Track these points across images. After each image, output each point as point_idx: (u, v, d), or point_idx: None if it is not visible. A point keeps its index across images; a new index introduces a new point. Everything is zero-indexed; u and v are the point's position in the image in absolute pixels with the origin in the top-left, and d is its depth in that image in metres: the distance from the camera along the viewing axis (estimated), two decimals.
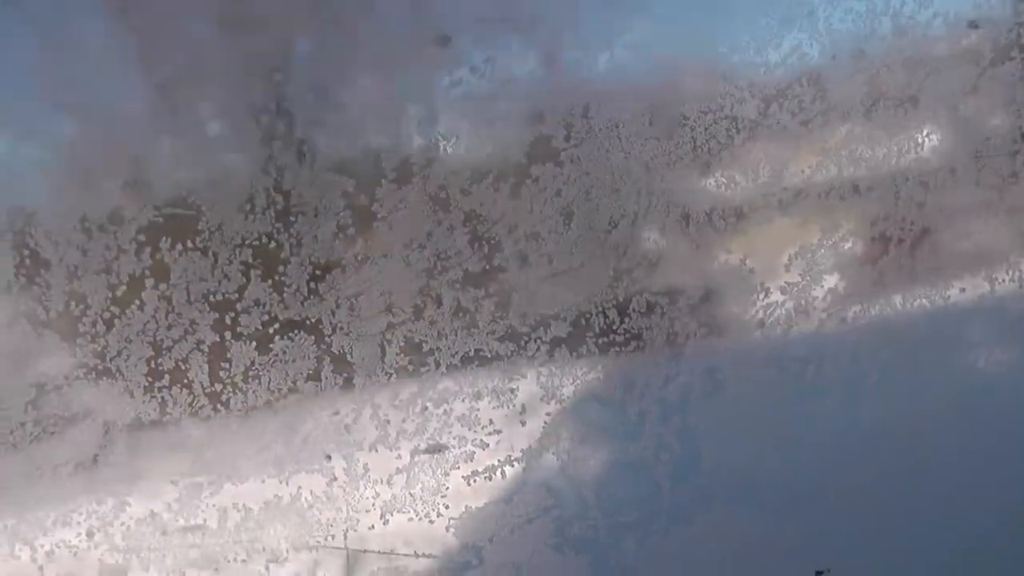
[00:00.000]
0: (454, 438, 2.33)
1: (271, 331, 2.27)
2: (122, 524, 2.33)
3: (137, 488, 2.34)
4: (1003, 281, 2.51)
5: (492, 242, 2.27)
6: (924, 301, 2.49)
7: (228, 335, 2.25)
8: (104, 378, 2.27)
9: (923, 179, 2.46)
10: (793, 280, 2.40)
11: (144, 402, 2.28)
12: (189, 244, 2.21)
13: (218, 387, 2.28)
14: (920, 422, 2.41)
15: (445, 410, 2.33)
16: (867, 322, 2.43)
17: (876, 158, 2.41)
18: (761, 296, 2.39)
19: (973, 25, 2.48)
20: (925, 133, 2.44)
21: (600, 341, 2.34)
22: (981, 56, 2.45)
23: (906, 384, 2.43)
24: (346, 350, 2.29)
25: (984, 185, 2.50)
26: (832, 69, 2.37)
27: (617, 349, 2.34)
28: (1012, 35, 2.48)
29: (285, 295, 2.25)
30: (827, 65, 2.37)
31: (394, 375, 2.33)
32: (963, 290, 2.49)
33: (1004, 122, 2.48)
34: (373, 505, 2.34)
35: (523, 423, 2.33)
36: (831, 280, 2.41)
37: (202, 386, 2.29)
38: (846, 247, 2.42)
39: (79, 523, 2.32)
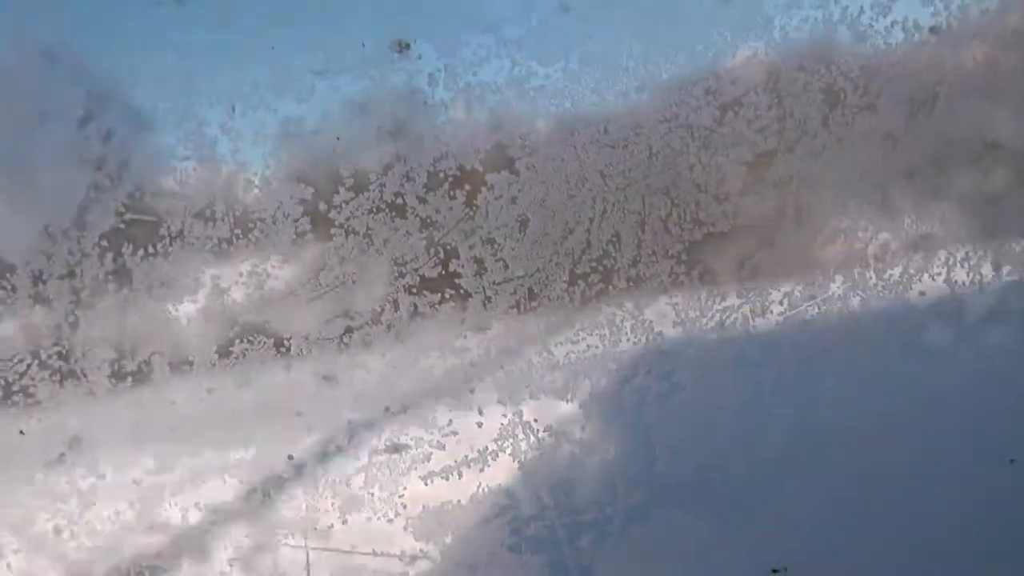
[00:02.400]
0: (412, 439, 2.36)
1: (231, 334, 2.30)
2: (86, 522, 2.36)
3: (102, 487, 2.38)
4: (963, 284, 2.52)
5: (448, 248, 2.29)
6: (884, 303, 2.51)
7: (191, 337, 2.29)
8: (68, 379, 2.31)
9: (881, 185, 2.48)
10: (750, 285, 2.42)
11: (106, 403, 2.31)
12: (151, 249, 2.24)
13: (179, 389, 2.32)
14: (877, 424, 2.43)
15: (403, 411, 2.36)
16: (824, 324, 2.45)
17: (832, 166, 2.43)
18: (718, 300, 2.41)
19: (934, 31, 2.49)
20: (883, 138, 2.45)
21: (556, 343, 2.37)
22: (941, 63, 2.46)
23: (862, 387, 2.45)
24: (305, 353, 2.32)
25: (945, 191, 2.52)
26: (789, 77, 2.39)
27: (572, 351, 2.37)
28: (972, 41, 2.49)
29: (244, 300, 2.28)
30: (783, 73, 2.38)
31: (354, 377, 2.37)
32: (923, 293, 2.51)
33: (965, 130, 2.49)
34: (332, 505, 2.37)
35: (480, 425, 2.36)
36: (787, 284, 2.43)
37: (164, 388, 2.33)
38: (802, 251, 2.44)
39: (45, 520, 2.37)
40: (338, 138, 2.30)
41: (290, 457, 2.40)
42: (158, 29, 2.25)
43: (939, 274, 2.49)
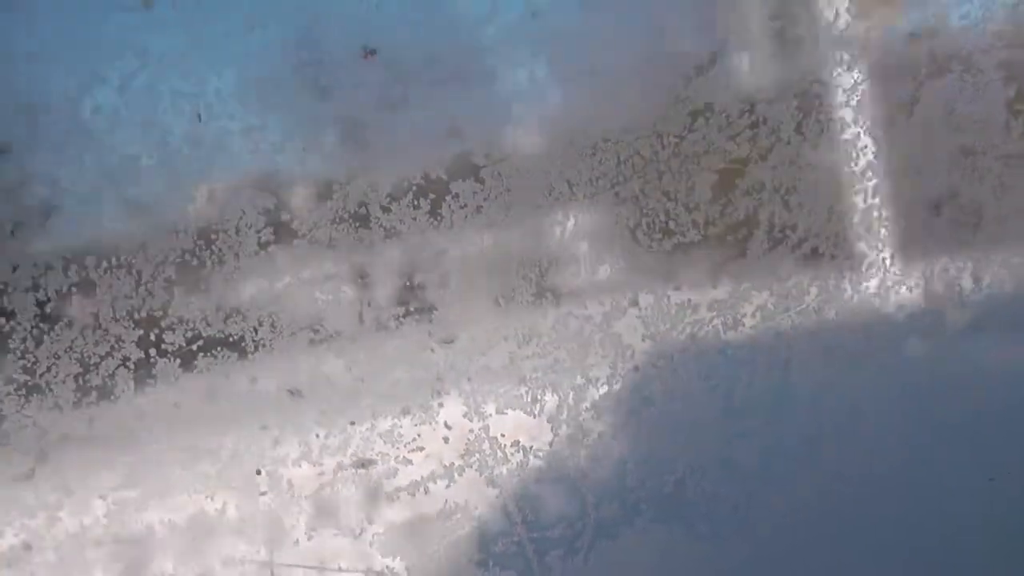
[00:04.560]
0: (378, 454, 2.33)
1: (195, 348, 2.28)
2: (53, 538, 2.35)
3: (69, 502, 2.37)
4: (941, 296, 2.48)
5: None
6: (862, 316, 2.47)
7: (153, 352, 2.27)
8: (34, 394, 2.30)
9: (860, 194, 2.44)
10: (721, 297, 2.38)
11: (73, 418, 2.30)
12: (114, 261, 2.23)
13: (143, 402, 2.31)
14: (851, 438, 2.39)
15: (370, 426, 2.33)
16: (799, 336, 2.41)
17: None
18: (689, 312, 2.37)
19: (914, 36, 2.45)
20: (860, 147, 2.41)
21: (524, 358, 2.34)
22: (918, 69, 2.42)
23: (837, 400, 2.41)
24: (271, 366, 2.30)
25: (922, 203, 2.48)
26: (761, 83, 2.36)
27: (539, 365, 2.34)
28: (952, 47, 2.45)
29: (207, 312, 2.27)
30: (756, 79, 2.35)
31: (319, 390, 2.34)
32: (901, 306, 2.47)
33: (943, 136, 2.45)
34: (299, 520, 2.35)
35: (446, 440, 2.33)
36: (760, 297, 2.39)
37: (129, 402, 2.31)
38: (775, 262, 2.40)
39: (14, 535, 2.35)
40: (304, 148, 2.28)
41: (258, 472, 2.37)
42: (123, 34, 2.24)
43: (916, 286, 2.45)
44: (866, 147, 2.44)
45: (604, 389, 2.35)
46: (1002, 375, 2.42)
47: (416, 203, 2.25)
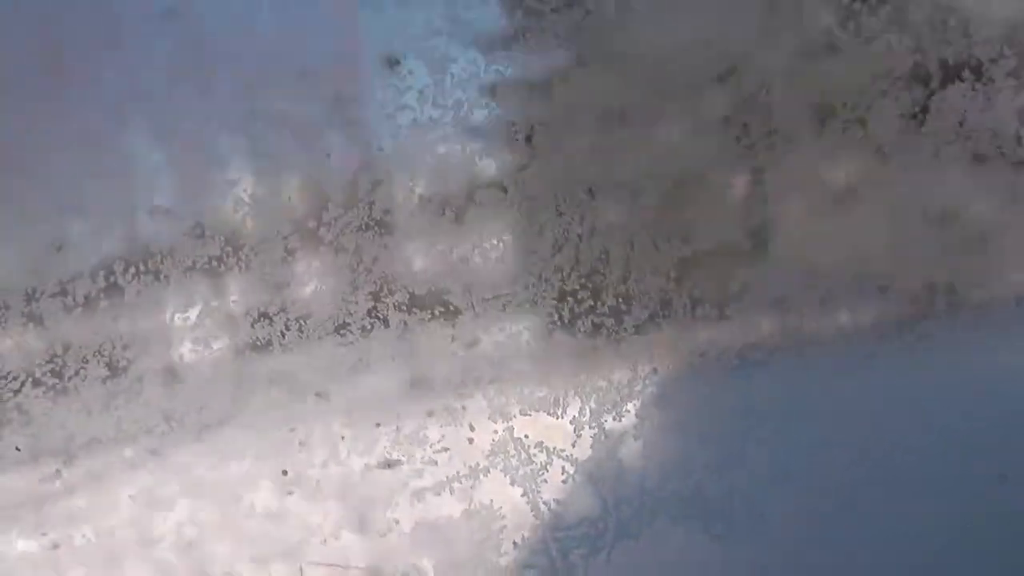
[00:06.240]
0: (404, 455, 2.37)
1: (224, 349, 2.32)
2: (83, 536, 2.39)
3: (96, 503, 2.40)
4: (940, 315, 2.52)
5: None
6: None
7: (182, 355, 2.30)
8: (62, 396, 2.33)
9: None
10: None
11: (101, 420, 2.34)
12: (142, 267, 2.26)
13: (172, 404, 2.34)
14: (864, 444, 2.42)
15: (396, 428, 2.37)
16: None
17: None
18: (705, 325, 2.42)
19: (919, 49, 2.48)
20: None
21: (549, 358, 2.38)
22: (931, 77, 2.45)
23: (855, 408, 2.45)
24: (297, 368, 2.34)
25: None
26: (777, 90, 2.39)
27: (562, 368, 2.37)
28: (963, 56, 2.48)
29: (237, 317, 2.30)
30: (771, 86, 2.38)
31: (346, 393, 2.38)
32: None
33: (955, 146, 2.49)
34: (326, 520, 2.39)
35: (471, 441, 2.37)
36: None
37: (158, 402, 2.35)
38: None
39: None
40: (328, 155, 2.31)
41: (284, 472, 2.41)
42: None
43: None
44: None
45: (625, 392, 2.38)
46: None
47: (441, 211, 2.28)
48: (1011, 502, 2.37)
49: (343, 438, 2.39)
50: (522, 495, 2.38)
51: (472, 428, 2.37)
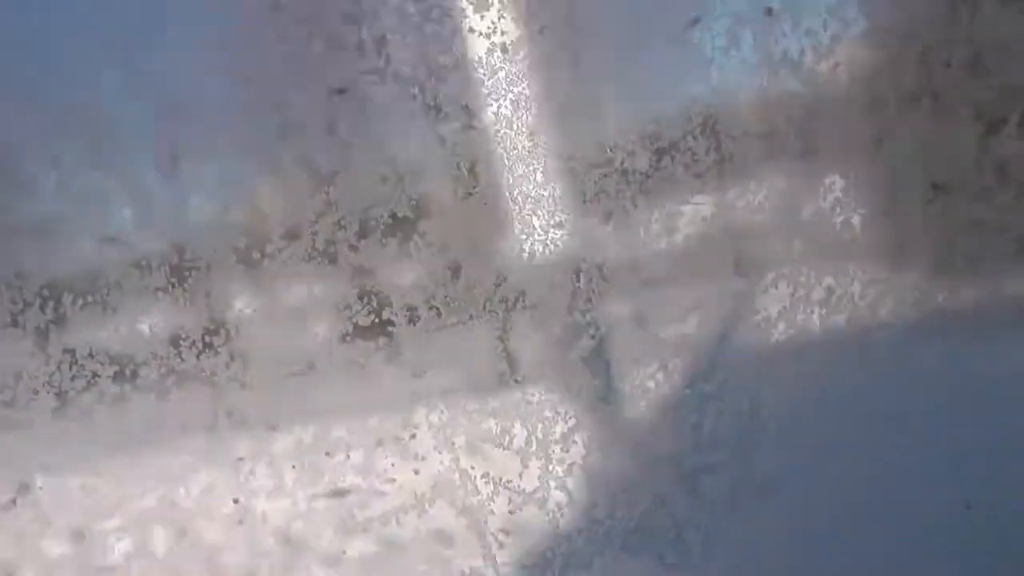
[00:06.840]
0: (351, 485, 2.37)
1: (168, 383, 2.33)
2: (33, 565, 2.40)
3: (51, 532, 2.42)
4: (913, 327, 2.49)
5: (380, 296, 2.31)
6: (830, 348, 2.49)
7: (127, 387, 2.31)
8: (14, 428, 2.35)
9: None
10: (688, 332, 2.41)
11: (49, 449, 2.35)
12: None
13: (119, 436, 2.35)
14: (823, 468, 2.40)
15: (344, 457, 2.37)
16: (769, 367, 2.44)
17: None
18: (657, 346, 2.40)
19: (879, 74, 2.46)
20: (827, 183, 2.43)
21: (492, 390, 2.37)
22: (886, 104, 2.44)
23: (808, 432, 2.43)
24: (242, 401, 2.34)
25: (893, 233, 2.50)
26: (728, 120, 2.38)
27: (509, 398, 2.37)
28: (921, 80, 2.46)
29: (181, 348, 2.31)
30: (723, 116, 2.37)
31: (294, 424, 2.38)
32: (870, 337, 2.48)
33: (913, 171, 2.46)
34: (273, 551, 2.39)
35: (417, 472, 2.36)
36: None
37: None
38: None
39: None
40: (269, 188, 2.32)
41: (235, 501, 2.41)
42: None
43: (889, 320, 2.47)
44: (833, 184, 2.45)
45: (573, 421, 2.37)
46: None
47: (384, 242, 2.28)
48: (977, 529, 2.34)
49: (292, 467, 2.39)
50: (469, 526, 2.37)
51: (418, 459, 2.37)
